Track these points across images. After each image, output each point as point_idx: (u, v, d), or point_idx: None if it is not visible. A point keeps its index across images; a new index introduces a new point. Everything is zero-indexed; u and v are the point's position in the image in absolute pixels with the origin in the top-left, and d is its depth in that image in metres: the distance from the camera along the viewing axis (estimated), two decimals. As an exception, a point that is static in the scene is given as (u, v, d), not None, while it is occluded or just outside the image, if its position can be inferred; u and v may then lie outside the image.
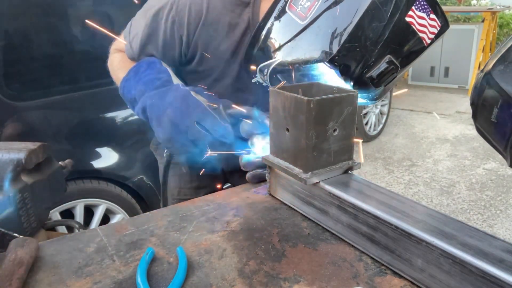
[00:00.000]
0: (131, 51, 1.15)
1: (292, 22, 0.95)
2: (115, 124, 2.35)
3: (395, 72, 0.94)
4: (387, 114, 5.00)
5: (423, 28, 0.93)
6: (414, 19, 0.91)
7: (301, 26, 0.93)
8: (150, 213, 0.89)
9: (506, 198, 3.44)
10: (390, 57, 0.92)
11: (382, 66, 0.92)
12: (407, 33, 0.92)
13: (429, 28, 0.94)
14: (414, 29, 0.91)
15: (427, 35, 0.94)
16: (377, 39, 0.89)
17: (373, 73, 0.92)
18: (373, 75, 0.92)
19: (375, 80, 0.92)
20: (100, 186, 2.24)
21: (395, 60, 0.93)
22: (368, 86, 0.94)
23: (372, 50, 0.89)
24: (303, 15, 0.93)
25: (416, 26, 0.91)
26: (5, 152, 0.84)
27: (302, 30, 0.93)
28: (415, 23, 0.91)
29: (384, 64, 0.92)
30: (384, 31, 0.88)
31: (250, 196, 0.94)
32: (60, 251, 0.74)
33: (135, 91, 1.05)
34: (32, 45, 2.13)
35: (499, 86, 0.72)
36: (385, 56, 0.92)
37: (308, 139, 0.75)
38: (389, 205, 0.68)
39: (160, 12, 1.08)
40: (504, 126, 0.74)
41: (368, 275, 0.66)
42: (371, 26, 0.88)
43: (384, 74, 0.92)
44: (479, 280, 0.54)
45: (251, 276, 0.66)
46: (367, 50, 0.89)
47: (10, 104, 1.99)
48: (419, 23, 0.92)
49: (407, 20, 0.90)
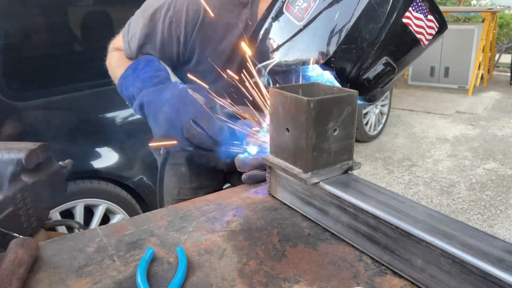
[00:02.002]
0: (129, 51, 1.15)
1: (289, 23, 0.95)
2: (115, 124, 2.36)
3: (392, 73, 0.93)
4: (387, 114, 5.00)
5: (420, 29, 0.92)
6: (411, 20, 0.90)
7: (298, 27, 0.93)
8: (150, 213, 0.89)
9: (506, 198, 3.44)
10: (387, 59, 0.91)
11: (378, 68, 0.91)
12: (404, 35, 0.91)
13: (427, 29, 0.93)
14: (411, 30, 0.91)
15: (425, 36, 0.93)
16: (373, 41, 0.88)
17: (370, 74, 0.91)
18: (370, 77, 0.91)
19: (371, 82, 0.92)
20: (100, 186, 2.25)
21: (392, 61, 0.92)
22: (364, 88, 0.93)
23: (369, 51, 0.89)
24: (300, 16, 0.93)
25: (413, 27, 0.91)
26: (5, 152, 0.84)
27: (299, 31, 0.93)
28: (412, 24, 0.90)
29: (381, 65, 0.91)
30: (381, 32, 0.88)
31: (250, 196, 0.94)
32: (60, 251, 0.74)
33: (133, 88, 1.06)
34: (32, 45, 2.13)
35: None
36: (382, 58, 0.91)
37: (308, 139, 0.75)
38: (389, 205, 0.68)
39: (158, 12, 1.08)
40: None
41: (368, 275, 0.66)
42: (368, 27, 0.87)
43: (380, 76, 0.92)
44: (479, 280, 0.54)
45: (251, 276, 0.66)
46: (364, 52, 0.89)
47: (10, 104, 1.99)
48: (417, 24, 0.91)
49: (404, 21, 0.89)
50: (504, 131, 5.01)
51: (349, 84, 0.92)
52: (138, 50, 1.13)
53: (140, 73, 1.06)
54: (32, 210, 0.88)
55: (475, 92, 6.80)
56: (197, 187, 1.35)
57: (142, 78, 1.05)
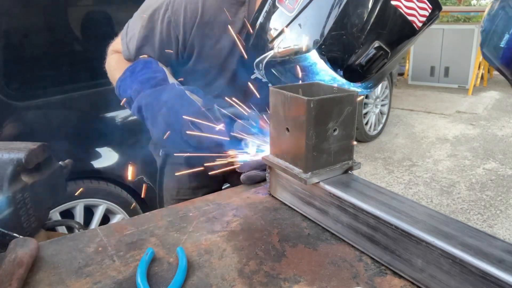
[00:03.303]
0: (128, 53, 1.16)
1: (282, 15, 0.96)
2: (115, 124, 2.35)
3: (385, 58, 0.92)
4: (387, 114, 5.00)
5: (412, 11, 0.91)
6: (401, 2, 0.89)
7: (290, 18, 0.94)
8: (150, 213, 0.89)
9: (506, 198, 3.44)
10: (378, 43, 0.90)
11: (370, 52, 0.90)
12: (394, 18, 0.90)
13: (419, 11, 0.92)
14: (402, 12, 0.90)
15: (417, 18, 0.92)
16: (363, 25, 0.88)
17: (362, 60, 0.91)
18: (362, 62, 0.91)
19: (364, 67, 0.91)
20: (100, 186, 2.24)
21: (384, 45, 0.91)
22: (358, 74, 0.93)
23: (359, 36, 0.88)
24: (291, 7, 0.94)
25: (403, 10, 0.90)
26: (5, 152, 0.84)
27: (290, 22, 0.94)
28: (402, 6, 0.89)
29: (373, 50, 0.90)
30: (370, 16, 0.87)
31: (250, 196, 0.94)
32: (60, 251, 0.74)
33: (131, 91, 1.06)
34: (32, 45, 2.13)
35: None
36: (373, 42, 0.90)
37: (308, 139, 0.75)
38: (389, 205, 0.68)
39: (156, 13, 1.08)
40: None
41: (368, 275, 0.66)
42: (356, 12, 0.87)
43: (374, 61, 0.91)
44: (479, 280, 0.54)
45: (251, 276, 0.66)
46: (354, 37, 0.88)
47: (10, 104, 1.99)
48: (407, 6, 0.90)
49: (394, 4, 0.88)
50: (504, 131, 5.01)
51: (343, 71, 0.92)
52: (136, 52, 1.14)
53: (138, 75, 1.07)
54: (32, 210, 0.88)
55: (475, 92, 6.80)
56: (196, 187, 1.35)
57: (140, 80, 1.05)
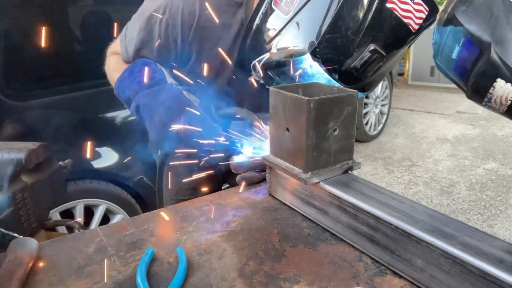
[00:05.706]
0: (126, 55, 1.16)
1: (277, 17, 0.95)
2: (115, 124, 2.35)
3: (380, 60, 0.92)
4: (387, 114, 5.00)
5: (407, 14, 0.90)
6: (396, 4, 0.88)
7: (285, 20, 0.93)
8: (150, 213, 0.89)
9: (506, 198, 3.44)
10: (373, 46, 0.90)
11: (365, 56, 0.90)
12: (390, 20, 0.89)
13: (415, 13, 0.91)
14: (397, 15, 0.89)
15: (414, 20, 0.91)
16: (358, 28, 0.87)
17: (357, 63, 0.90)
18: (357, 65, 0.90)
19: (359, 70, 0.91)
20: (100, 186, 2.24)
21: (379, 48, 0.90)
22: (353, 77, 0.92)
23: (354, 39, 0.88)
24: (286, 9, 0.93)
25: (399, 12, 0.89)
26: (5, 152, 0.84)
27: (286, 24, 0.93)
28: (398, 9, 0.89)
29: (368, 53, 0.90)
30: (364, 19, 0.87)
31: (250, 196, 0.94)
32: (60, 251, 0.74)
33: (129, 91, 1.06)
34: (32, 45, 2.13)
35: (462, 26, 0.78)
36: (368, 45, 0.90)
37: (308, 139, 0.75)
38: (389, 205, 0.68)
39: (153, 16, 1.08)
40: (465, 62, 0.80)
41: (368, 275, 0.66)
42: (351, 15, 0.86)
43: (369, 64, 0.90)
44: (479, 280, 0.54)
45: (251, 276, 0.66)
46: (349, 40, 0.88)
47: (10, 104, 1.99)
48: (402, 9, 0.89)
49: (389, 6, 0.88)
50: (504, 131, 5.01)
51: (338, 74, 0.91)
52: (135, 54, 1.14)
53: (136, 76, 1.07)
54: (32, 210, 0.87)
55: (475, 92, 6.79)
56: (195, 187, 1.35)
57: (138, 81, 1.06)
